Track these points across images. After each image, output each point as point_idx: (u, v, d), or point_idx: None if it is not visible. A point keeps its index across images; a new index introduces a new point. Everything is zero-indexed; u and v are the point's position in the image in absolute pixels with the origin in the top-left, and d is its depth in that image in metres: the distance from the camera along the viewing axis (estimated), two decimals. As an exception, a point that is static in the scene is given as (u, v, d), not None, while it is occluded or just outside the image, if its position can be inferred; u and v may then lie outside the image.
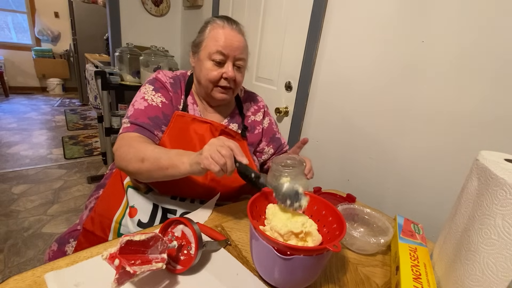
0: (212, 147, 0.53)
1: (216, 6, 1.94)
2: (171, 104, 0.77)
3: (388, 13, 0.96)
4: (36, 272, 0.45)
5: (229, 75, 0.73)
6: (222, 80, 0.75)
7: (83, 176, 2.24)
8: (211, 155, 0.51)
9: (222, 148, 0.52)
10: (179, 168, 0.56)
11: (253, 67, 1.63)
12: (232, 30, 0.74)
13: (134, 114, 0.72)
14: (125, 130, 0.70)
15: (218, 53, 0.72)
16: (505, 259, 0.38)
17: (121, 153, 0.65)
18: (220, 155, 0.51)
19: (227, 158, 0.51)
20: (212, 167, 0.51)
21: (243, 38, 0.76)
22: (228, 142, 0.54)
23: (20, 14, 4.38)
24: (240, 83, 0.79)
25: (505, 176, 0.39)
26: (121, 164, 0.65)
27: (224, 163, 0.51)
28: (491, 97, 0.75)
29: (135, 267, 0.38)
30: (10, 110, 3.64)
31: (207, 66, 0.74)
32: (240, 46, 0.74)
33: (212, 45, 0.72)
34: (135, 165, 0.61)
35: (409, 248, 0.56)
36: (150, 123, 0.71)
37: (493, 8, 0.73)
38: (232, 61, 0.74)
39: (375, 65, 1.02)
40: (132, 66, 2.03)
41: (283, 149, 0.97)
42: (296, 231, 0.46)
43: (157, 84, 0.77)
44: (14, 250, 1.45)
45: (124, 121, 0.73)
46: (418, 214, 0.93)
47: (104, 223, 0.75)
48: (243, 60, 0.76)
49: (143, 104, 0.73)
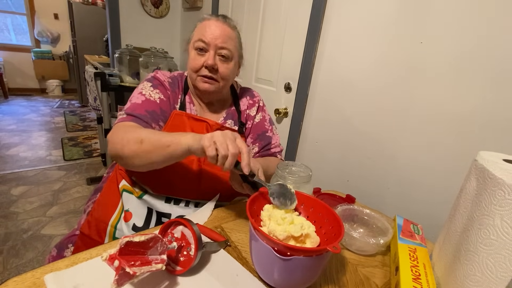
0: (222, 136, 0.51)
1: (215, 7, 1.94)
2: (168, 102, 0.77)
3: (387, 14, 0.97)
4: (35, 273, 0.45)
5: (209, 63, 0.73)
6: (203, 69, 0.75)
7: (82, 178, 2.24)
8: (216, 141, 0.50)
9: (231, 143, 0.51)
10: (181, 143, 0.55)
11: (252, 68, 1.64)
12: (217, 21, 0.75)
13: (131, 107, 0.71)
14: (121, 120, 0.69)
15: (200, 41, 0.73)
16: (504, 259, 0.38)
17: (116, 138, 0.62)
18: (226, 147, 0.50)
19: (230, 155, 0.50)
20: (209, 150, 0.50)
21: (229, 29, 0.76)
22: (242, 143, 0.53)
23: (19, 16, 4.38)
24: (226, 75, 0.77)
25: (503, 177, 0.39)
26: (117, 149, 0.61)
27: (224, 156, 0.50)
28: (490, 98, 0.76)
29: (134, 268, 0.38)
30: (9, 111, 3.64)
31: (191, 56, 0.76)
32: (222, 34, 0.73)
33: (196, 35, 0.75)
34: (132, 147, 0.59)
35: (408, 248, 0.56)
36: (148, 116, 0.70)
37: (492, 10, 0.73)
38: (214, 49, 0.74)
39: (374, 66, 1.03)
40: (132, 67, 2.04)
41: (270, 149, 0.90)
42: (296, 235, 0.47)
43: (155, 81, 0.77)
44: (13, 252, 1.44)
45: (120, 113, 0.71)
46: (418, 214, 0.93)
47: (100, 227, 0.75)
48: (227, 50, 0.75)
49: (141, 98, 0.73)
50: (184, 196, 0.76)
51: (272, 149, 0.91)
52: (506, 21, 0.71)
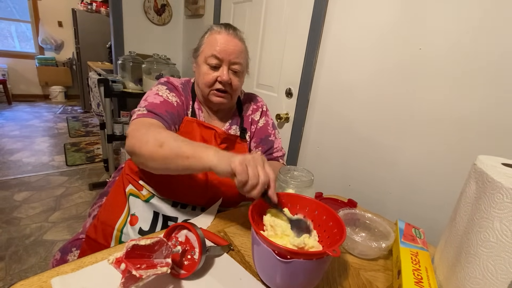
0: (253, 161, 0.49)
1: (217, 15, 1.97)
2: (183, 107, 0.77)
3: (386, 21, 0.99)
4: (42, 277, 0.45)
5: (224, 79, 0.74)
6: (217, 84, 0.75)
7: (84, 183, 2.25)
8: (248, 165, 0.48)
9: (261, 170, 0.49)
10: (202, 159, 0.52)
11: (254, 74, 1.66)
12: (228, 35, 0.74)
13: (151, 105, 0.68)
14: (141, 115, 0.66)
15: (213, 57, 0.73)
16: (504, 261, 0.39)
17: (136, 134, 0.60)
18: (257, 174, 0.48)
19: (260, 182, 0.48)
20: (242, 175, 0.47)
21: (240, 43, 0.76)
22: (270, 170, 0.51)
23: (23, 24, 4.46)
24: (238, 87, 0.78)
25: (502, 180, 0.40)
26: (135, 145, 0.59)
27: (255, 184, 0.48)
28: (488, 103, 0.77)
29: (141, 271, 0.38)
30: (12, 117, 3.67)
31: (203, 70, 0.75)
32: (235, 50, 0.74)
33: (208, 50, 0.74)
34: (151, 148, 0.56)
35: (410, 252, 0.57)
36: (168, 116, 0.69)
37: (489, 16, 0.75)
38: (227, 65, 0.74)
39: (374, 72, 1.04)
40: (135, 74, 2.06)
41: (272, 153, 0.91)
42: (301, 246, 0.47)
43: (169, 85, 0.78)
44: (16, 257, 1.44)
45: (139, 109, 0.68)
46: (419, 218, 0.93)
47: (106, 231, 0.75)
48: (239, 65, 0.76)
49: (158, 99, 0.71)
50: (191, 202, 0.76)
51: (274, 153, 0.92)
52: (502, 28, 0.73)
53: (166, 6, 2.48)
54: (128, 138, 0.62)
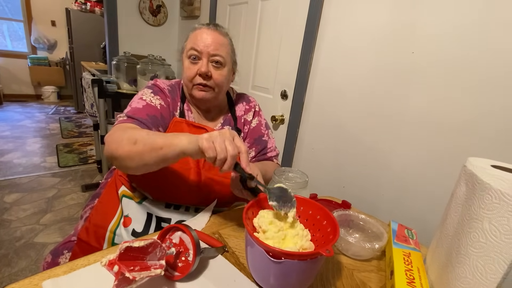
0: (220, 136, 0.50)
1: (213, 16, 1.98)
2: (168, 109, 0.77)
3: (380, 25, 1.00)
4: (33, 280, 0.45)
5: (202, 70, 0.74)
6: (198, 77, 0.76)
7: (77, 185, 2.22)
8: (214, 141, 0.49)
9: (229, 143, 0.49)
10: (175, 146, 0.52)
11: (249, 76, 1.66)
12: (208, 29, 0.76)
13: (132, 111, 0.70)
14: (120, 122, 0.68)
15: (192, 50, 0.75)
16: (493, 261, 0.40)
17: (112, 138, 0.61)
18: (224, 148, 0.49)
19: (229, 156, 0.49)
20: (209, 152, 0.48)
21: (221, 36, 0.77)
22: (240, 142, 0.51)
23: (15, 22, 4.39)
24: (220, 82, 0.78)
25: (491, 182, 0.41)
26: (111, 148, 0.59)
27: (223, 158, 0.49)
28: (479, 106, 0.78)
29: (134, 273, 0.38)
30: (3, 118, 3.60)
31: (185, 65, 0.77)
32: (214, 42, 0.75)
33: (188, 45, 0.77)
34: (126, 148, 0.56)
35: (403, 253, 0.57)
36: (148, 120, 0.70)
37: (481, 21, 0.77)
38: (207, 57, 0.75)
39: (368, 75, 1.06)
40: (129, 74, 2.05)
41: (266, 153, 0.91)
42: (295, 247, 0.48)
43: (155, 88, 0.78)
44: (5, 260, 1.42)
45: (120, 115, 0.70)
46: (412, 219, 0.95)
47: (98, 233, 0.74)
48: (220, 57, 0.76)
49: (141, 103, 0.73)
50: (184, 202, 0.76)
51: (268, 153, 0.92)
52: (494, 34, 0.75)
53: (162, 7, 2.47)
54: (105, 142, 0.63)
